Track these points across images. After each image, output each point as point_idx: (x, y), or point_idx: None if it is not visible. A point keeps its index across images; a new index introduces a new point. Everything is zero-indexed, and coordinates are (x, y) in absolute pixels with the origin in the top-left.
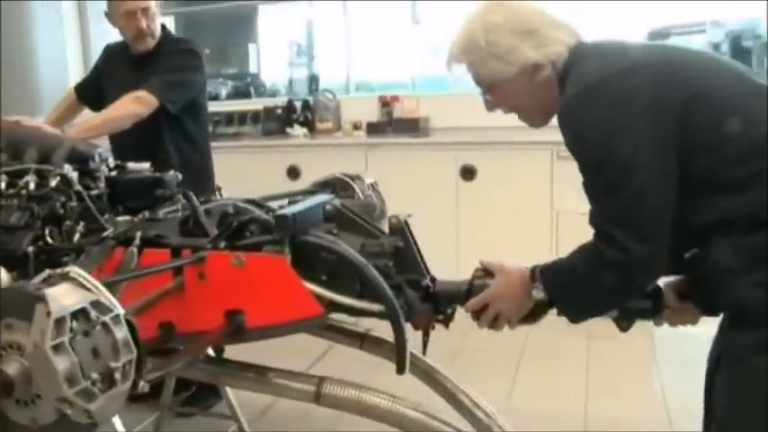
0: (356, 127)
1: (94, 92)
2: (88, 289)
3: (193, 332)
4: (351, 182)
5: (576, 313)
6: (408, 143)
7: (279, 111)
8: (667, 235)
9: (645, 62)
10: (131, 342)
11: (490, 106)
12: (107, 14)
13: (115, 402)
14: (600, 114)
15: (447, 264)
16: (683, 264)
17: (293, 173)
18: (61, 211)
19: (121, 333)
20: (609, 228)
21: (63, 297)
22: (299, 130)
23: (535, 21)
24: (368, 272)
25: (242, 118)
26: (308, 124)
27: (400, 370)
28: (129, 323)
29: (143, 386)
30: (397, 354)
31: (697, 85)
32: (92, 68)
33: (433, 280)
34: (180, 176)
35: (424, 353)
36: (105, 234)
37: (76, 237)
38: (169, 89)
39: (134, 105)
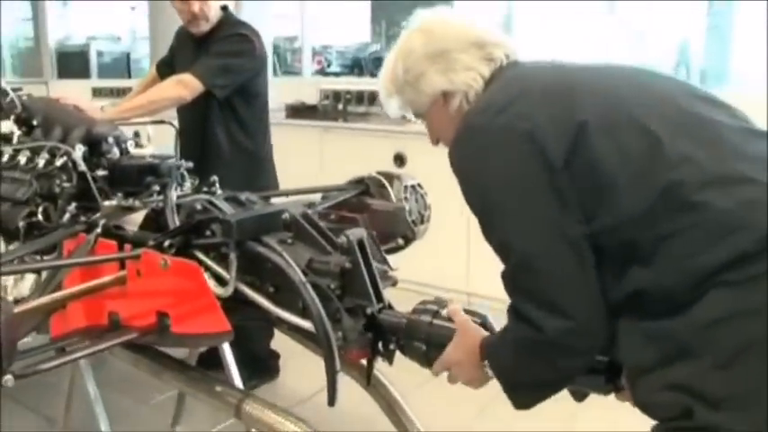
0: None
1: (169, 70)
2: None
3: (132, 326)
4: (386, 183)
5: (516, 397)
6: None
7: None
8: (594, 305)
9: (531, 88)
10: None
11: (432, 139)
12: None
13: None
14: (476, 164)
15: None
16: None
17: (399, 159)
18: (57, 190)
19: None
20: (517, 300)
21: None
22: None
23: (448, 42)
24: (304, 291)
25: (372, 98)
26: None
27: (330, 402)
28: None
29: (6, 380)
30: (328, 385)
31: (591, 113)
32: (169, 47)
33: (385, 308)
34: (185, 164)
35: (368, 383)
36: (87, 219)
37: (66, 216)
38: (215, 74)
39: (176, 89)
